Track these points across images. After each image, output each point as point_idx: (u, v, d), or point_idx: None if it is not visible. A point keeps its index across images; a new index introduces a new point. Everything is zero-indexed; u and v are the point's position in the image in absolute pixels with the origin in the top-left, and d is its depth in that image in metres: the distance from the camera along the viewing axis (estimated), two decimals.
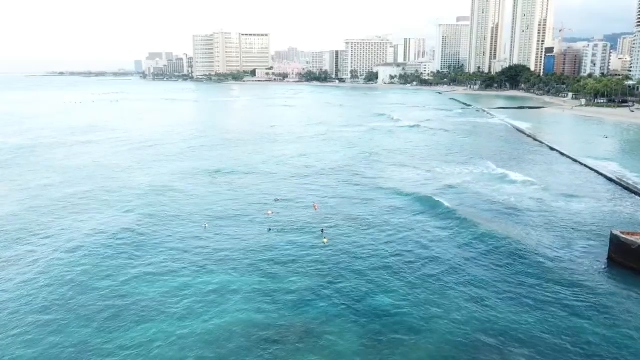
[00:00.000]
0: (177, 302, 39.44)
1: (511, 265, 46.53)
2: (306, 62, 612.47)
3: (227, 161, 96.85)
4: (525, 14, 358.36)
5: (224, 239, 53.28)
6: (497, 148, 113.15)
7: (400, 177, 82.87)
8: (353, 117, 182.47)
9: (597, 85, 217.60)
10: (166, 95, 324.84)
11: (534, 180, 78.79)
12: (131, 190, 73.33)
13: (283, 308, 38.52)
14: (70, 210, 63.94)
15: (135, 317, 37.26)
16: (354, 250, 49.89)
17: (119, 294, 40.84)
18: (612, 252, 47.45)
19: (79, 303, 39.33)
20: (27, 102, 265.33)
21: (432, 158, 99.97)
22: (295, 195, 70.91)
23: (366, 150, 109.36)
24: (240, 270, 45.42)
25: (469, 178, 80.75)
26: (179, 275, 44.15)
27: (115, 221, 58.95)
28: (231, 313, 37.74)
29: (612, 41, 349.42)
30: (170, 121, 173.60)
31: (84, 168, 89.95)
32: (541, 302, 39.48)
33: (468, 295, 40.54)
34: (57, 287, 41.92)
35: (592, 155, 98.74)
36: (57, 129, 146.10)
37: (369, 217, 60.69)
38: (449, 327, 35.90)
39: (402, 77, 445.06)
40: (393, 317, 37.23)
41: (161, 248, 50.64)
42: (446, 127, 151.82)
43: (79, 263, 46.84)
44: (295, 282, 42.79)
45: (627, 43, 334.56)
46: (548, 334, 34.99)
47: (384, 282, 42.95)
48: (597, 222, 58.12)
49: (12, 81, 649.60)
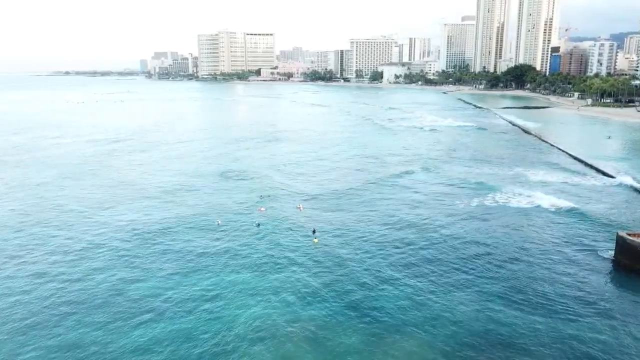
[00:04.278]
0: (177, 301, 39.39)
1: (514, 266, 46.20)
2: (311, 62, 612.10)
3: (243, 161, 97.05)
4: (531, 13, 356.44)
5: (219, 239, 53.26)
6: (501, 148, 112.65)
7: (402, 176, 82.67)
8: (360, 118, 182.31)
9: (603, 85, 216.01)
10: (172, 96, 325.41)
11: (537, 180, 78.36)
12: (137, 190, 73.52)
13: (283, 308, 38.37)
14: (76, 210, 64.08)
15: (135, 316, 37.26)
16: (348, 250, 49.66)
17: (117, 291, 40.96)
18: (618, 254, 47.05)
19: (82, 303, 39.38)
20: (29, 102, 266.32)
21: (434, 158, 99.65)
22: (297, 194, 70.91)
23: (371, 150, 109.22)
24: (237, 269, 45.31)
25: (472, 178, 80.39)
26: (179, 276, 44.11)
27: (124, 220, 59.10)
28: (232, 313, 37.65)
29: (618, 41, 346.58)
30: (181, 122, 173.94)
31: (87, 168, 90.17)
32: (545, 304, 39.12)
33: (471, 296, 40.27)
34: (60, 286, 42.02)
35: (597, 156, 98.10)
36: (57, 129, 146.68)
37: (369, 216, 60.54)
38: (451, 328, 35.67)
39: (407, 77, 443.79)
40: (394, 317, 37.02)
41: (153, 249, 50.68)
42: (453, 127, 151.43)
43: (85, 262, 46.96)
44: (295, 282, 42.64)
45: (634, 43, 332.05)
46: (551, 337, 34.68)
47: (385, 282, 42.71)
48: (603, 224, 57.61)
49: (19, 80, 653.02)
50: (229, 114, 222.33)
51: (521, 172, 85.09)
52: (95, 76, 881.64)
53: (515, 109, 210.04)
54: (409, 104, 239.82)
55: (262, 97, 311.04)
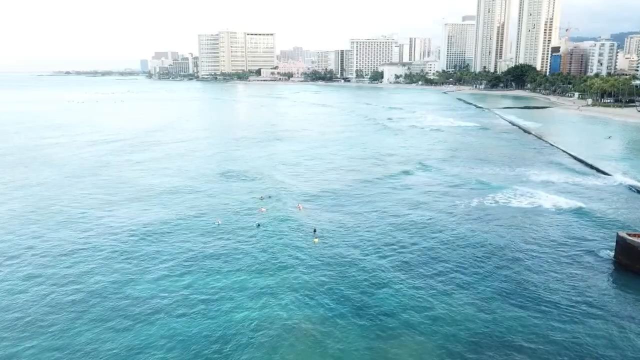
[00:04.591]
0: (176, 301, 39.37)
1: (515, 266, 46.18)
2: (311, 62, 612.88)
3: (250, 161, 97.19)
4: (531, 13, 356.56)
5: (219, 239, 53.32)
6: (502, 148, 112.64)
7: (402, 176, 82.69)
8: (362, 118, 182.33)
9: (604, 85, 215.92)
10: (172, 95, 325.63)
11: (537, 180, 78.38)
12: (136, 189, 73.55)
13: (284, 308, 38.35)
14: (75, 210, 64.10)
15: (134, 316, 37.26)
16: (349, 250, 49.63)
17: (116, 291, 40.97)
18: (618, 255, 47.05)
19: (84, 302, 39.37)
20: (33, 102, 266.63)
21: (434, 158, 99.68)
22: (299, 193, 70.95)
23: (372, 149, 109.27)
24: (238, 269, 45.31)
25: (473, 178, 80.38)
26: (179, 276, 44.10)
27: (123, 220, 59.17)
28: (232, 313, 37.67)
29: (619, 41, 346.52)
30: (181, 122, 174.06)
31: (89, 168, 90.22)
32: (545, 304, 39.11)
33: (472, 296, 40.24)
34: (60, 286, 42.05)
35: (597, 156, 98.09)
36: (58, 129, 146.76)
37: (369, 216, 60.54)
38: (452, 328, 35.64)
39: (407, 77, 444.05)
40: (395, 317, 37.02)
41: (153, 249, 50.75)
42: (454, 126, 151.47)
43: (83, 261, 46.96)
44: (295, 282, 42.63)
45: (635, 42, 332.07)
46: (552, 337, 34.66)
47: (385, 282, 42.71)
48: (603, 224, 57.57)
49: (22, 81, 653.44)
50: (229, 114, 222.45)
51: (522, 172, 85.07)
52: (96, 76, 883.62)
53: (516, 109, 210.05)
54: (410, 104, 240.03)
55: (264, 97, 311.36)
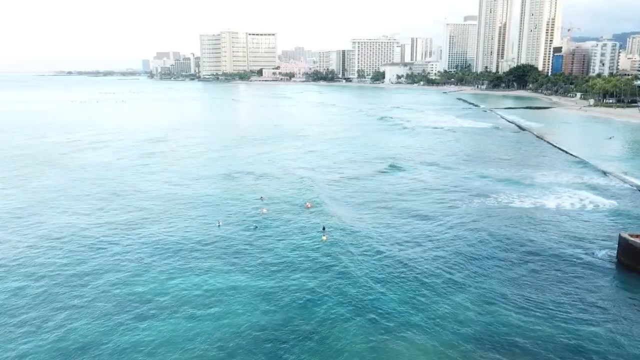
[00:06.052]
0: (176, 302, 39.29)
1: (518, 267, 46.01)
2: (313, 62, 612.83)
3: (254, 161, 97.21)
4: (533, 13, 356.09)
5: (219, 239, 53.24)
6: (503, 149, 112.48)
7: (406, 176, 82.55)
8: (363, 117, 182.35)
9: (606, 85, 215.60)
10: (174, 95, 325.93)
11: (539, 181, 78.20)
12: (136, 189, 73.54)
13: (286, 308, 38.27)
14: (74, 210, 64.09)
15: (136, 315, 37.21)
16: (355, 249, 49.50)
17: (115, 291, 40.92)
18: (620, 255, 46.89)
19: (84, 302, 39.31)
20: (35, 102, 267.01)
21: (436, 157, 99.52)
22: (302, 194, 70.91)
23: (374, 148, 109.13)
24: (238, 270, 45.21)
25: (475, 179, 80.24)
26: (179, 276, 44.03)
27: (123, 220, 59.14)
28: (232, 313, 37.58)
29: (621, 41, 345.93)
30: (182, 122, 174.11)
31: (89, 168, 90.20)
32: (546, 304, 38.95)
33: (475, 297, 40.12)
34: (62, 286, 42.03)
35: (599, 156, 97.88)
36: (60, 129, 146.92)
37: (373, 215, 60.44)
38: (455, 329, 35.52)
39: (409, 77, 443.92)
40: (397, 317, 36.89)
41: (153, 249, 50.70)
42: (452, 125, 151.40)
43: (82, 261, 46.88)
44: (298, 282, 42.53)
45: (637, 43, 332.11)
46: (552, 337, 34.48)
47: (388, 282, 42.58)
48: (605, 225, 57.42)
49: (24, 80, 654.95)
50: (231, 114, 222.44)
51: (523, 172, 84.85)
52: (98, 76, 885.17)
53: (518, 109, 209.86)
54: (412, 104, 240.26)
55: (267, 97, 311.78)
